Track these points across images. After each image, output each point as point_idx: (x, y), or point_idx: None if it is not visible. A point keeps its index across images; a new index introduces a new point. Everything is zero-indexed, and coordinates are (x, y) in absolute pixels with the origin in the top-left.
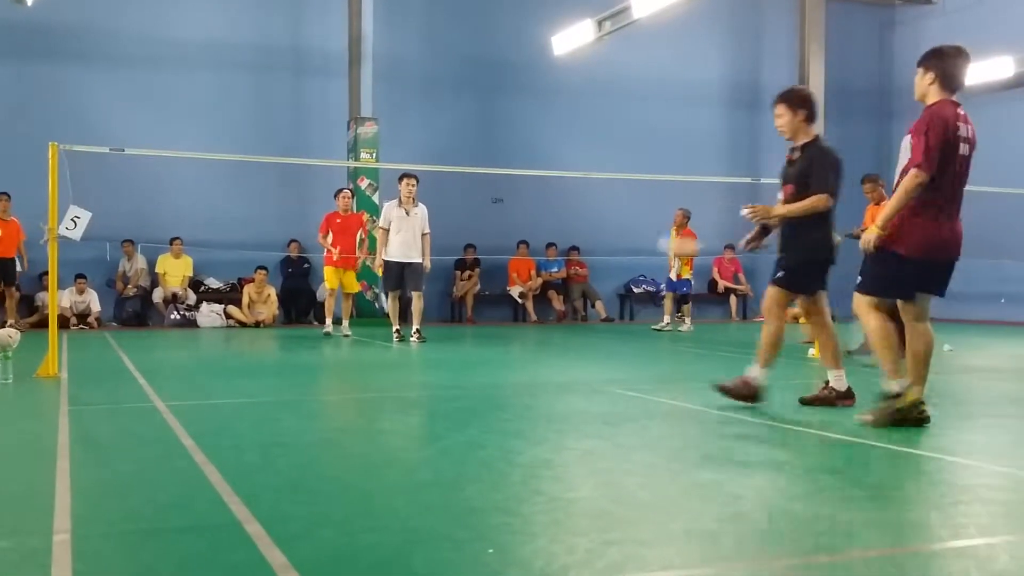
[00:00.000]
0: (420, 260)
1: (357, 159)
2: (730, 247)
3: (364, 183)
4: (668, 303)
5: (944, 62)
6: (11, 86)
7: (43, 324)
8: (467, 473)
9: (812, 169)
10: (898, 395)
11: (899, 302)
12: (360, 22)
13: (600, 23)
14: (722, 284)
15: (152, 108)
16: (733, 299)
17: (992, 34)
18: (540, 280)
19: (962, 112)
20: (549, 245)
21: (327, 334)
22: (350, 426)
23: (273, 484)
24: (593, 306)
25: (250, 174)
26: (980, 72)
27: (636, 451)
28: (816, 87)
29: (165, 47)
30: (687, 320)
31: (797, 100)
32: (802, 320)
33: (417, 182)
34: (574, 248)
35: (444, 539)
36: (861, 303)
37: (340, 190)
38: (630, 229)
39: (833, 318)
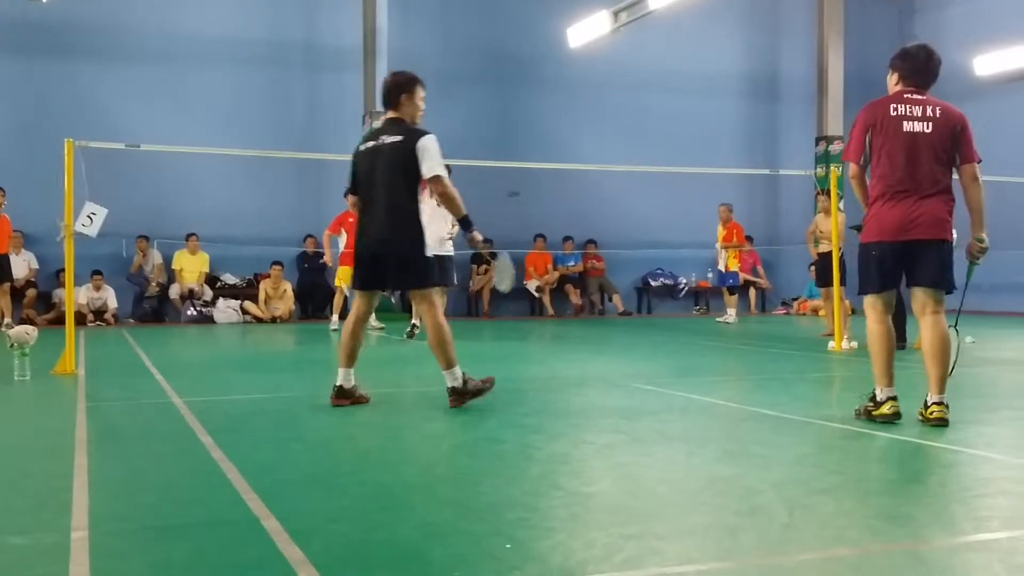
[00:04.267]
0: (452, 252)
1: None
2: (748, 238)
3: None
4: (728, 296)
5: (906, 61)
6: (27, 83)
7: (60, 321)
8: (484, 468)
9: None
10: (875, 401)
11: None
12: (375, 16)
13: (616, 14)
14: (741, 277)
15: (167, 104)
16: (752, 292)
17: (1011, 22)
18: (557, 274)
19: (917, 97)
20: (566, 239)
21: (335, 331)
22: (367, 421)
23: (290, 480)
24: (610, 300)
25: (266, 169)
26: (999, 61)
27: (654, 445)
28: (835, 77)
29: (180, 43)
30: (728, 311)
31: None
32: (822, 313)
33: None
34: (591, 242)
35: (462, 534)
36: (865, 302)
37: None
38: (647, 222)
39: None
